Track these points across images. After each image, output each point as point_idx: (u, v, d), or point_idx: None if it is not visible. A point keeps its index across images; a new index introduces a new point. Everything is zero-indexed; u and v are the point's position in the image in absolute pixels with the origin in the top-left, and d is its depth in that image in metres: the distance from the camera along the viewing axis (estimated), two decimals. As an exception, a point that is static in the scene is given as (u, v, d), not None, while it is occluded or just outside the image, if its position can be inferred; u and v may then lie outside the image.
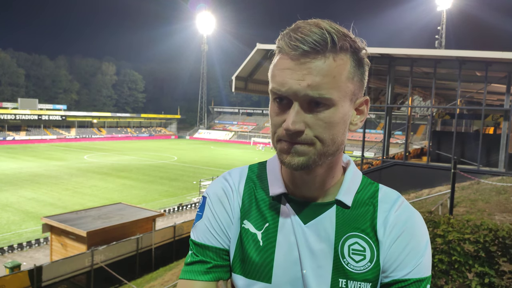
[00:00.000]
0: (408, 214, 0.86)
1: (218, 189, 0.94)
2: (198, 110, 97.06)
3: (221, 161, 46.11)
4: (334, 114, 0.76)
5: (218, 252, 0.90)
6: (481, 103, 18.62)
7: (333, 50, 0.74)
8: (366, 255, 0.84)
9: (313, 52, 0.73)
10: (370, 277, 0.83)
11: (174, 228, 15.83)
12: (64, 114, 72.91)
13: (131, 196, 26.40)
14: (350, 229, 0.85)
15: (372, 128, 62.64)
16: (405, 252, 0.83)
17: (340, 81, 0.75)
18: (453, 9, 69.87)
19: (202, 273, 0.89)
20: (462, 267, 3.80)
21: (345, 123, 0.80)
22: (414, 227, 0.85)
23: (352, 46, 0.76)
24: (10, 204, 23.77)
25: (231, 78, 22.94)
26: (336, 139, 0.79)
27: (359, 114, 0.84)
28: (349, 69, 0.77)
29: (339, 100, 0.76)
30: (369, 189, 0.90)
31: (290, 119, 0.75)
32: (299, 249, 0.84)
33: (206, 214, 0.92)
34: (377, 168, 18.22)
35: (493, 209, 10.36)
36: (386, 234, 0.84)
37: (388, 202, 0.88)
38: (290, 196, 0.89)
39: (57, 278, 11.79)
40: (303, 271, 0.84)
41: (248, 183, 0.94)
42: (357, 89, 0.80)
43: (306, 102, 0.75)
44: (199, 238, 0.91)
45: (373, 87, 25.76)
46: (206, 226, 0.91)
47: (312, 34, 0.72)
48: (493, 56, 15.39)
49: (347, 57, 0.76)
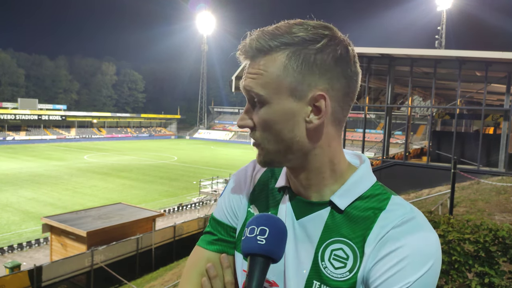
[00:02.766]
0: (414, 233, 0.74)
1: (241, 172, 1.03)
2: (198, 110, 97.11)
3: (221, 161, 46.11)
4: (269, 111, 0.78)
5: (226, 229, 0.98)
6: (481, 103, 18.62)
7: (261, 53, 0.78)
8: (347, 264, 0.79)
9: (246, 58, 0.81)
10: (344, 287, 0.78)
11: (174, 228, 15.83)
12: (64, 114, 72.95)
13: (131, 196, 26.41)
14: (337, 234, 0.81)
15: (372, 128, 62.63)
16: (391, 271, 0.73)
17: (270, 77, 0.77)
18: (453, 9, 69.98)
19: (209, 243, 0.97)
20: (462, 267, 3.80)
21: (291, 120, 0.78)
22: (414, 246, 0.73)
23: (286, 42, 0.76)
24: (10, 204, 23.78)
25: (231, 78, 22.91)
26: (281, 137, 0.79)
27: (316, 112, 0.78)
28: (283, 65, 0.76)
29: (272, 96, 0.77)
30: (378, 197, 0.82)
31: (240, 116, 0.83)
32: (287, 242, 0.84)
33: (225, 193, 1.03)
34: (377, 168, 18.22)
35: (493, 209, 10.36)
36: (375, 247, 0.76)
37: (394, 215, 0.78)
38: (292, 190, 0.91)
39: (57, 278, 11.80)
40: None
41: (267, 172, 0.99)
42: (300, 84, 0.76)
43: (250, 102, 0.82)
44: (215, 213, 1.01)
45: (373, 87, 25.75)
46: (222, 204, 1.01)
47: (246, 42, 0.80)
48: (493, 56, 15.40)
49: (277, 55, 0.77)
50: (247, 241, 0.77)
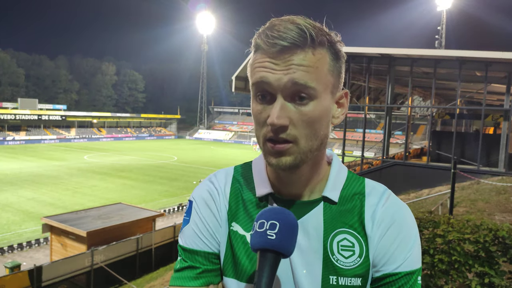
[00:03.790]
0: (396, 208, 0.86)
1: (204, 192, 0.93)
2: (198, 110, 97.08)
3: (221, 161, 46.10)
4: (317, 107, 0.77)
5: (207, 257, 0.88)
6: (481, 103, 18.63)
7: (312, 44, 0.75)
8: (355, 250, 0.83)
9: (293, 47, 0.74)
10: (360, 272, 0.82)
11: (174, 228, 15.82)
12: (64, 114, 72.89)
13: (131, 196, 26.40)
14: (338, 225, 0.85)
15: (372, 128, 62.62)
16: (394, 245, 0.83)
17: (321, 73, 0.76)
18: (453, 9, 69.98)
19: (192, 279, 0.87)
20: (462, 267, 3.80)
21: (328, 117, 0.81)
22: (402, 220, 0.85)
23: (329, 40, 0.78)
24: (10, 204, 23.77)
25: (231, 78, 22.93)
26: (319, 133, 0.79)
27: (340, 107, 0.84)
28: (329, 62, 0.78)
29: (321, 92, 0.77)
30: (355, 184, 0.89)
31: (275, 114, 0.74)
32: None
33: (193, 218, 0.91)
34: (377, 168, 18.23)
35: (493, 209, 10.36)
36: (374, 228, 0.84)
37: (375, 196, 0.87)
38: (277, 195, 0.88)
39: (57, 278, 11.77)
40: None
41: (234, 184, 0.93)
42: (337, 82, 0.81)
43: (289, 96, 0.75)
44: (187, 243, 0.89)
45: (373, 87, 25.76)
46: (194, 231, 0.89)
47: (289, 31, 0.73)
48: (493, 56, 15.41)
49: (324, 51, 0.77)
50: (256, 236, 0.74)
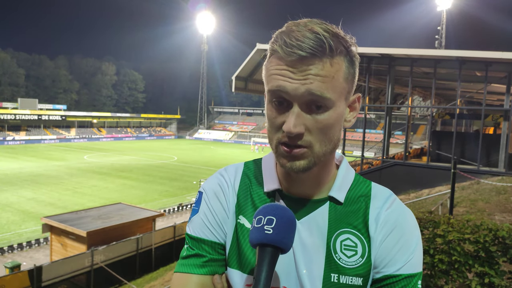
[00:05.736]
0: (400, 212, 0.88)
1: (214, 184, 0.96)
2: (198, 110, 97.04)
3: (221, 161, 46.08)
4: (332, 115, 0.79)
5: (213, 246, 0.91)
6: (481, 103, 18.62)
7: (330, 54, 0.75)
8: (357, 250, 0.86)
9: (311, 57, 0.74)
10: (362, 272, 0.84)
11: (174, 228, 15.82)
12: (64, 114, 72.86)
13: (131, 196, 26.39)
14: (342, 225, 0.87)
15: (372, 128, 62.60)
16: (396, 248, 0.85)
17: (337, 82, 0.78)
18: (453, 9, 69.91)
19: (198, 267, 0.89)
20: (462, 267, 3.80)
21: (341, 122, 0.83)
22: (405, 224, 0.87)
23: (345, 47, 0.78)
24: (10, 204, 23.77)
25: (231, 78, 22.94)
26: (333, 138, 0.82)
27: (352, 110, 0.87)
28: (344, 70, 0.79)
29: (336, 100, 0.79)
30: (361, 186, 0.92)
31: (291, 122, 0.76)
32: (293, 244, 0.84)
33: (202, 208, 0.93)
34: (377, 168, 18.23)
35: (493, 209, 10.35)
36: (377, 230, 0.86)
37: (380, 200, 0.89)
38: (284, 192, 0.90)
39: (57, 278, 11.77)
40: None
41: (243, 179, 0.96)
42: (351, 87, 0.83)
43: (305, 105, 0.77)
44: (195, 232, 0.92)
45: (373, 87, 25.76)
46: (202, 220, 0.92)
47: (308, 40, 0.73)
48: (493, 56, 15.40)
49: (341, 59, 0.78)
50: (254, 231, 0.76)
